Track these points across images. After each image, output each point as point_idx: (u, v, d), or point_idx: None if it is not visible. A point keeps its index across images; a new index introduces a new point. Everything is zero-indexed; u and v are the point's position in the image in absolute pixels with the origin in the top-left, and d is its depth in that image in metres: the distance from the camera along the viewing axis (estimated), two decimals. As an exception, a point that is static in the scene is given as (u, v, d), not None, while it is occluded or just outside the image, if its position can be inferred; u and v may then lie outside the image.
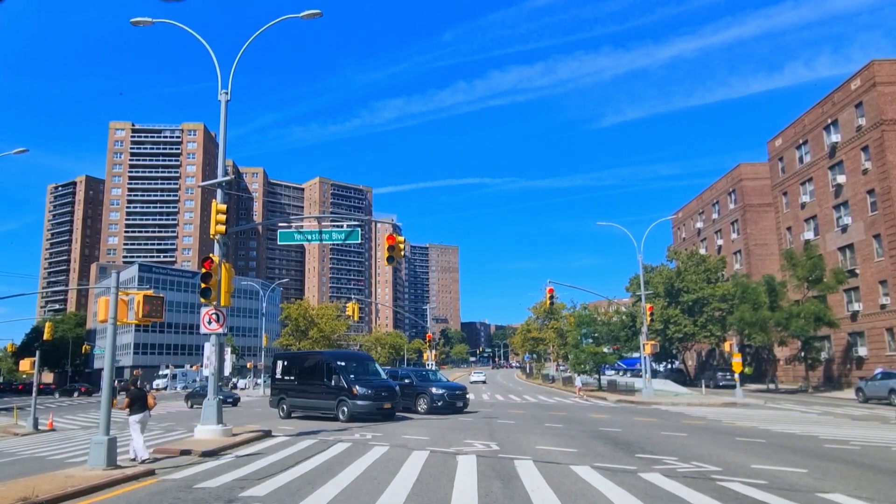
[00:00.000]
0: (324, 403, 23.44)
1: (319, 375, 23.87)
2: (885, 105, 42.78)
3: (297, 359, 27.54)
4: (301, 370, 25.35)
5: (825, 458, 13.16)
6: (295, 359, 27.61)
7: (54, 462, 14.84)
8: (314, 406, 23.92)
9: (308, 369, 25.16)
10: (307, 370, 25.06)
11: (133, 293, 13.67)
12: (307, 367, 25.42)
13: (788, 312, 43.41)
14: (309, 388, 24.40)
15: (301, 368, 25.50)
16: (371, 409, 22.31)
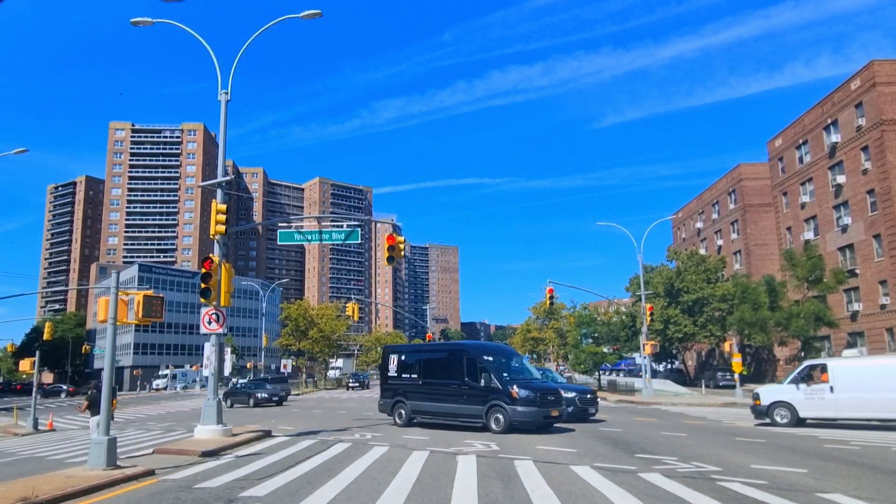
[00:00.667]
0: (465, 409, 19.09)
1: (457, 373, 19.56)
2: (884, 105, 42.78)
3: (421, 352, 23.15)
4: (427, 366, 21.03)
5: (825, 458, 13.15)
6: (417, 352, 23.19)
7: (54, 462, 14.84)
8: (450, 412, 19.60)
9: (439, 365, 20.88)
10: (437, 366, 20.80)
11: (133, 293, 13.67)
12: (437, 362, 21.14)
13: (788, 312, 43.42)
14: (441, 390, 19.95)
15: (427, 364, 21.17)
16: (536, 418, 18.05)
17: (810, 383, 20.86)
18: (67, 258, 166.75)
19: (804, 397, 20.76)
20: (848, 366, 20.92)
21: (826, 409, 20.46)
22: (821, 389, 20.40)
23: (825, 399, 20.28)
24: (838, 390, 20.03)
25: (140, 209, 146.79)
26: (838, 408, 20.17)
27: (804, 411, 20.86)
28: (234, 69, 18.96)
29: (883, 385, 19.25)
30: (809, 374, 21.25)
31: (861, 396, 19.58)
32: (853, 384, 19.90)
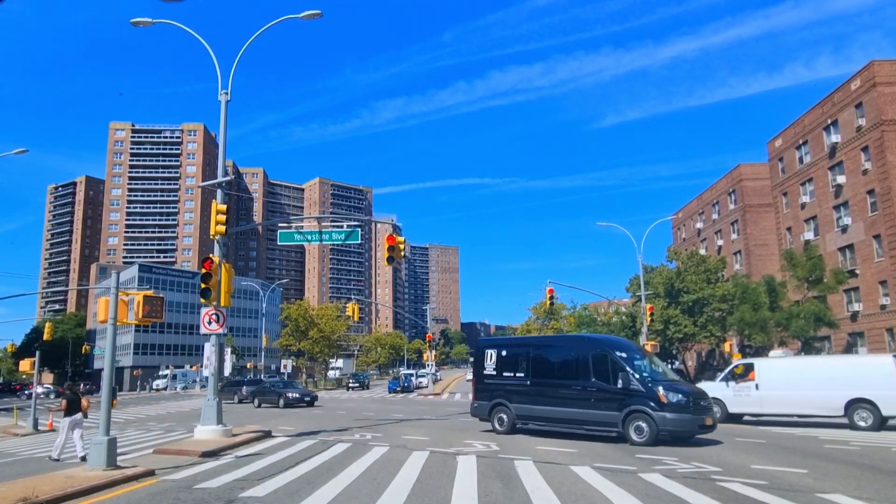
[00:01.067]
0: (593, 415, 16.27)
1: (582, 372, 16.78)
2: (884, 105, 42.77)
3: (528, 346, 19.55)
4: (538, 363, 18.09)
5: (825, 458, 13.15)
6: (523, 346, 19.91)
7: (54, 462, 14.83)
8: (572, 418, 16.72)
9: (554, 361, 17.98)
10: (552, 363, 17.96)
11: (133, 293, 13.67)
12: (552, 358, 18.16)
13: (788, 313, 43.38)
14: (558, 392, 17.18)
15: (538, 360, 18.16)
16: (690, 427, 15.32)
17: (739, 381, 22.07)
18: (67, 258, 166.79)
19: (733, 394, 21.97)
20: (772, 365, 22.31)
21: (752, 406, 21.76)
22: (748, 387, 21.69)
23: (751, 396, 21.57)
24: (763, 388, 21.36)
25: (140, 209, 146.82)
26: (762, 404, 21.51)
27: (733, 407, 22.03)
28: (235, 69, 18.97)
29: (802, 384, 20.68)
30: (739, 372, 22.44)
31: (783, 394, 20.90)
32: (777, 383, 21.20)
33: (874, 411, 19.35)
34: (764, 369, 21.88)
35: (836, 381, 20.19)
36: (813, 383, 20.48)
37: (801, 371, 21.62)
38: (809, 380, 20.71)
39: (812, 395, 20.27)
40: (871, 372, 20.01)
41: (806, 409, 20.85)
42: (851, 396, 19.74)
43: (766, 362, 22.87)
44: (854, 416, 19.69)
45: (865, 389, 19.60)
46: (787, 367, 22.20)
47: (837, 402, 19.95)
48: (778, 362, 22.97)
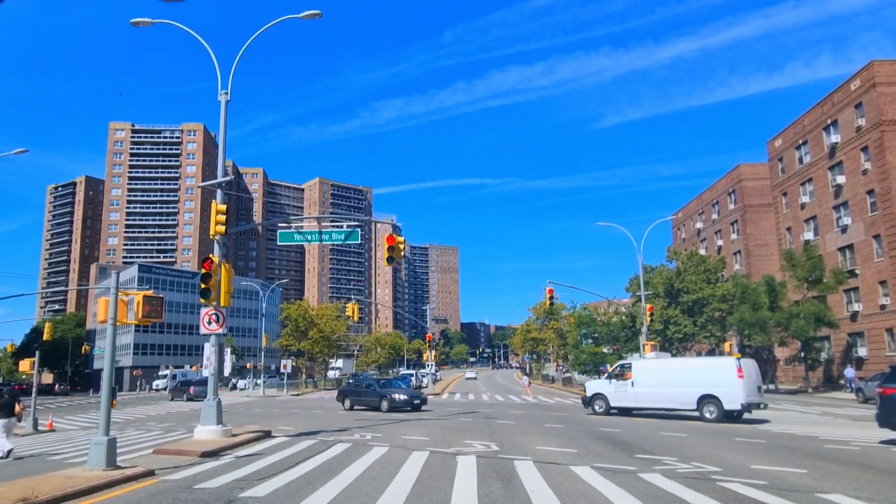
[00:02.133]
0: None
1: None
2: (884, 105, 42.78)
3: None
4: None
5: (825, 458, 13.15)
6: None
7: (54, 462, 14.83)
8: None
9: None
10: None
11: (133, 293, 13.66)
12: None
13: (788, 313, 43.38)
14: None
15: None
16: None
17: (619, 379, 25.49)
18: (67, 258, 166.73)
19: (614, 390, 25.57)
20: (645, 366, 25.62)
21: (628, 400, 25.11)
22: (626, 384, 25.11)
23: (628, 392, 25.05)
24: (637, 385, 24.77)
25: (140, 209, 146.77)
26: (637, 399, 24.81)
27: (614, 402, 25.65)
28: (234, 69, 18.97)
29: (667, 381, 23.95)
30: (620, 371, 25.96)
31: (652, 390, 24.22)
32: (647, 381, 24.54)
33: (718, 405, 22.45)
34: (638, 369, 25.17)
35: (693, 380, 23.36)
36: (675, 381, 23.71)
37: (666, 371, 24.89)
38: (672, 378, 23.97)
39: (673, 391, 23.49)
40: (719, 372, 23.00)
41: (669, 403, 23.96)
42: (702, 393, 22.91)
43: (639, 363, 26.15)
44: (703, 409, 22.84)
45: (713, 387, 22.69)
46: (655, 368, 25.42)
47: (692, 397, 23.11)
48: (649, 363, 26.26)
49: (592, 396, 26.47)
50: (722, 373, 22.78)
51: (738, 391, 22.08)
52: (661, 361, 27.43)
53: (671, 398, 23.70)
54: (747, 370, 22.75)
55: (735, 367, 22.51)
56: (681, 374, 24.13)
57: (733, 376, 22.30)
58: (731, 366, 22.79)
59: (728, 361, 23.65)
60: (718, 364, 24.26)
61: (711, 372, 23.32)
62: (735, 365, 22.66)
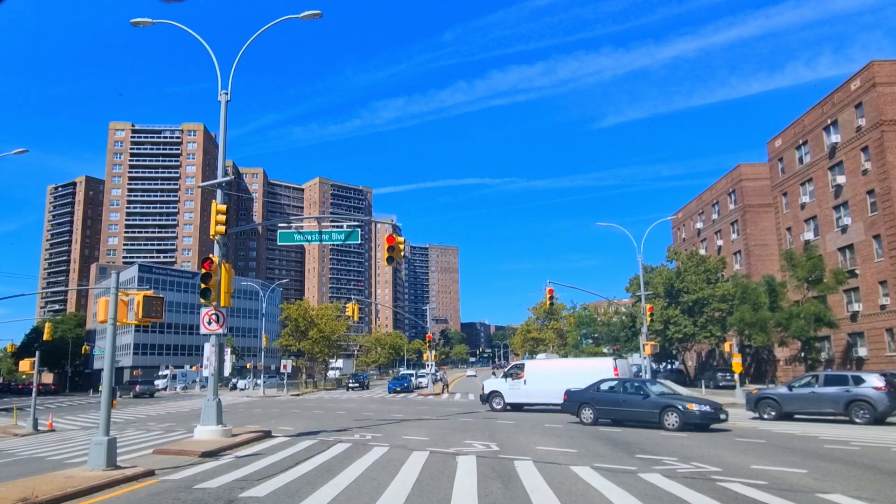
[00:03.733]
0: None
1: None
2: (884, 105, 42.76)
3: None
4: None
5: (825, 458, 13.15)
6: None
7: (54, 462, 14.83)
8: None
9: None
10: None
11: (133, 294, 13.66)
12: None
13: (788, 313, 43.36)
14: None
15: None
16: None
17: (514, 378, 28.01)
18: (67, 258, 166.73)
19: (509, 388, 28.06)
20: (536, 365, 28.80)
21: (522, 397, 27.70)
22: (520, 382, 27.71)
23: (520, 389, 27.77)
24: (529, 383, 27.54)
25: (140, 209, 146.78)
26: (528, 396, 27.43)
27: (509, 398, 28.05)
28: (234, 69, 18.97)
29: (555, 380, 26.37)
30: (514, 371, 28.60)
31: (542, 388, 26.93)
32: (538, 379, 27.39)
33: None
34: (530, 368, 28.05)
35: (577, 378, 25.19)
36: (562, 379, 25.81)
37: (555, 370, 27.98)
38: (561, 377, 26.31)
39: (560, 388, 24.85)
40: (599, 371, 25.76)
41: (558, 398, 25.19)
42: None
43: (532, 363, 29.13)
44: None
45: None
46: (545, 367, 28.64)
47: None
48: (539, 363, 29.48)
49: (490, 394, 28.49)
50: (602, 371, 25.90)
51: None
52: (551, 362, 31.61)
53: (558, 395, 25.23)
54: (622, 369, 26.86)
55: (612, 367, 26.56)
56: (568, 373, 26.86)
57: (610, 374, 25.86)
58: (609, 365, 26.92)
59: (606, 362, 27.88)
60: (599, 364, 27.84)
61: (593, 371, 26.01)
62: (612, 365, 26.89)
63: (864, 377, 22.58)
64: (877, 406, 20.95)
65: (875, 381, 21.83)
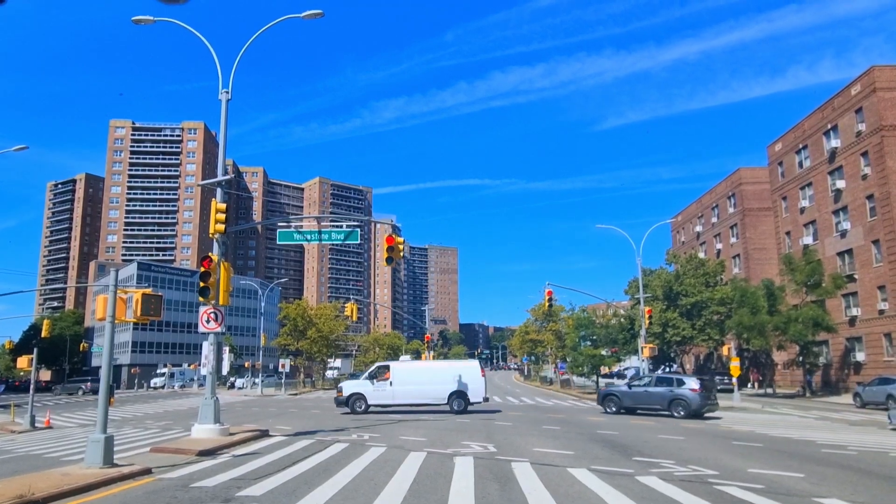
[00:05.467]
0: None
1: None
2: (884, 110, 42.81)
3: None
4: None
5: (822, 462, 13.16)
6: None
7: (51, 460, 14.81)
8: None
9: None
10: None
11: (131, 291, 13.65)
12: None
13: (787, 317, 43.39)
14: None
15: None
16: None
17: (380, 379, 27.65)
18: (66, 256, 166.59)
19: (373, 390, 27.57)
20: (402, 367, 28.88)
21: (387, 398, 27.39)
22: (385, 384, 27.43)
23: (387, 391, 27.31)
24: (395, 384, 27.37)
25: (140, 207, 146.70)
26: (395, 397, 27.28)
27: (373, 400, 27.60)
28: (235, 68, 18.97)
29: (423, 381, 27.34)
30: (378, 372, 28.23)
31: (409, 388, 27.22)
32: (405, 380, 27.43)
33: (465, 399, 26.89)
34: (397, 370, 28.03)
35: (445, 379, 27.16)
36: (429, 380, 27.20)
37: (422, 371, 28.79)
38: (428, 378, 27.42)
39: (428, 388, 26.86)
40: (467, 372, 27.47)
41: (424, 399, 27.05)
42: (451, 390, 27.01)
43: (397, 364, 29.21)
44: (452, 403, 26.87)
45: (461, 384, 27.01)
46: (412, 368, 29.22)
47: (444, 394, 26.93)
48: (406, 364, 29.81)
49: (350, 396, 27.75)
50: (469, 373, 27.49)
51: (481, 387, 27.27)
52: (417, 363, 32.98)
53: (426, 395, 27.04)
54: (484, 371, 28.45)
55: (479, 369, 28.06)
56: (434, 374, 28.03)
57: (478, 375, 27.52)
58: (476, 367, 28.22)
59: (473, 363, 29.01)
60: (465, 366, 28.78)
61: (460, 372, 27.54)
62: (479, 366, 28.33)
63: (685, 380, 26.82)
64: (691, 404, 25.02)
65: (692, 384, 26.03)
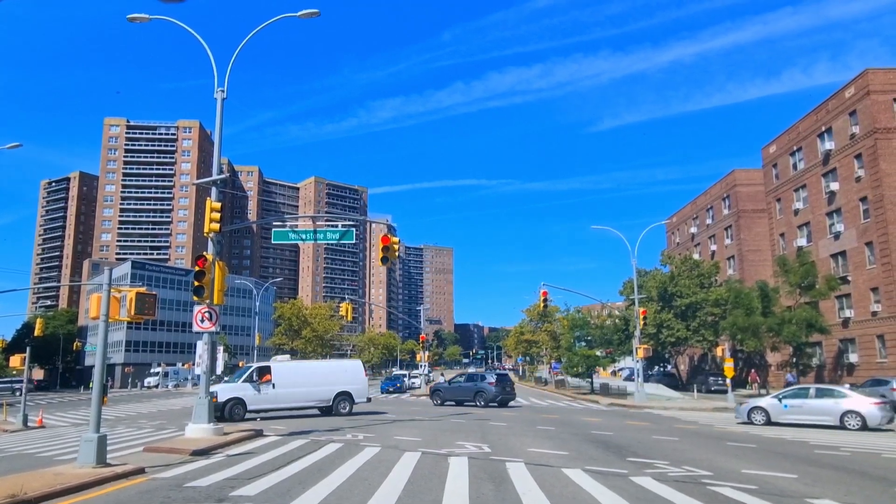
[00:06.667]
0: None
1: None
2: (878, 113, 43.03)
3: None
4: None
5: (815, 463, 13.21)
6: None
7: (44, 459, 14.74)
8: None
9: None
10: None
11: (125, 290, 13.58)
12: None
13: (781, 318, 43.51)
14: None
15: None
16: None
17: (260, 382, 25.55)
18: (60, 254, 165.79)
19: (254, 393, 25.33)
20: (284, 367, 26.90)
21: (269, 402, 25.49)
22: (267, 386, 25.52)
23: (269, 394, 25.38)
24: (278, 386, 25.54)
25: (134, 206, 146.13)
26: (277, 400, 25.52)
27: (254, 405, 25.19)
28: (231, 67, 18.91)
29: (306, 381, 26.18)
30: (259, 373, 26.08)
31: (293, 390, 25.68)
32: (288, 381, 25.76)
33: (350, 400, 26.69)
34: (279, 370, 26.13)
35: (329, 380, 26.70)
36: (314, 381, 26.28)
37: (305, 371, 27.57)
38: (311, 378, 26.49)
39: (314, 390, 25.90)
40: (350, 372, 27.47)
41: (310, 401, 26.03)
42: (338, 390, 26.49)
43: (279, 364, 27.13)
44: (338, 406, 26.54)
45: (346, 385, 26.80)
46: (295, 368, 27.51)
47: (329, 395, 26.44)
48: (288, 364, 27.78)
49: (227, 402, 24.05)
50: (352, 373, 27.54)
51: (364, 388, 27.47)
52: (299, 363, 31.28)
53: (311, 396, 26.03)
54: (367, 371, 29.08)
55: (362, 369, 28.45)
56: (318, 374, 27.29)
57: (361, 375, 27.71)
58: (359, 366, 28.47)
59: (356, 363, 29.06)
60: (349, 365, 28.78)
61: (343, 372, 27.47)
62: (362, 366, 28.72)
63: (486, 376, 32.89)
64: (488, 394, 32.27)
65: (490, 379, 33.52)
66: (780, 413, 23.67)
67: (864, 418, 21.67)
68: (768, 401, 24.63)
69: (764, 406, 24.24)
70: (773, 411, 23.88)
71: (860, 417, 21.76)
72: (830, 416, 22.45)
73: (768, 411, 23.90)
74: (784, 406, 23.71)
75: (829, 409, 22.64)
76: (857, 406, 22.08)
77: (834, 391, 23.86)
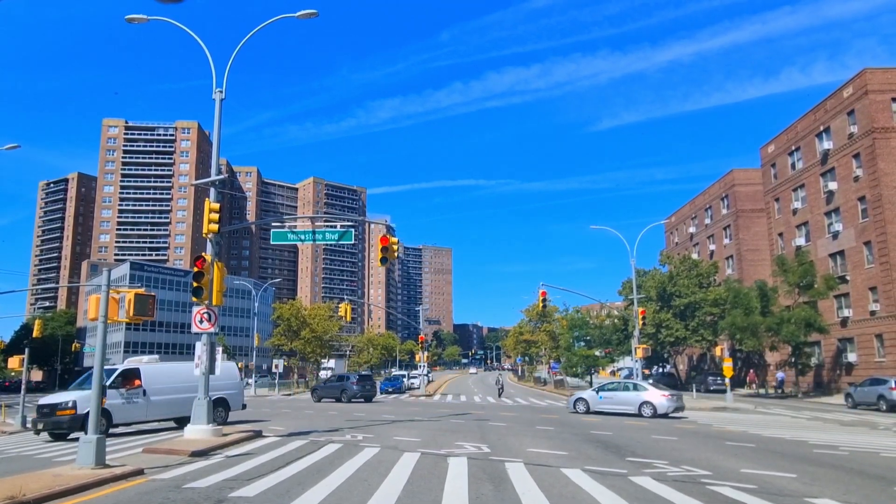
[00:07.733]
0: None
1: None
2: (876, 113, 43.09)
3: None
4: None
5: (814, 462, 13.23)
6: None
7: (42, 461, 14.71)
8: None
9: None
10: None
11: (124, 291, 13.57)
12: None
13: (779, 318, 43.60)
14: None
15: None
16: None
17: (128, 389, 20.51)
18: (58, 255, 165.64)
19: (122, 402, 20.09)
20: (154, 369, 22.14)
21: (140, 414, 20.82)
22: (136, 393, 20.62)
23: (139, 403, 20.65)
24: (150, 393, 20.94)
25: (133, 207, 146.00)
26: (149, 411, 21.02)
27: (121, 417, 20.21)
28: (230, 67, 18.89)
29: (176, 387, 21.45)
30: (125, 378, 20.83)
31: (166, 398, 21.25)
32: (161, 387, 21.29)
33: (226, 407, 22.97)
34: (149, 374, 21.42)
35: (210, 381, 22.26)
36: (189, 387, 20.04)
37: (181, 375, 22.01)
38: (187, 384, 20.66)
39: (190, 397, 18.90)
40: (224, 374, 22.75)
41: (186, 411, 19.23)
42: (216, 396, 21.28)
43: (149, 367, 22.30)
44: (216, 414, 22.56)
45: (220, 390, 22.23)
46: (167, 371, 22.71)
47: None
48: (158, 366, 23.02)
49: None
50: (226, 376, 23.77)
51: (240, 393, 25.04)
52: (172, 365, 26.11)
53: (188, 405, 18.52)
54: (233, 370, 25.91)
55: (237, 370, 26.31)
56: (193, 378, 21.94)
57: (237, 379, 25.41)
58: (234, 368, 26.20)
59: (229, 364, 26.35)
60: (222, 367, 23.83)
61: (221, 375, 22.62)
62: (236, 368, 26.76)
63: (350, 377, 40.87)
64: (350, 393, 39.06)
65: (353, 378, 40.56)
66: (596, 403, 28.05)
67: (655, 407, 26.14)
68: (589, 393, 29.21)
69: (586, 398, 28.67)
70: (592, 402, 28.25)
71: (652, 406, 26.18)
72: (631, 406, 26.73)
73: (588, 402, 28.27)
74: (600, 398, 28.18)
75: (631, 400, 27.03)
76: (650, 398, 26.60)
77: (637, 385, 28.42)
